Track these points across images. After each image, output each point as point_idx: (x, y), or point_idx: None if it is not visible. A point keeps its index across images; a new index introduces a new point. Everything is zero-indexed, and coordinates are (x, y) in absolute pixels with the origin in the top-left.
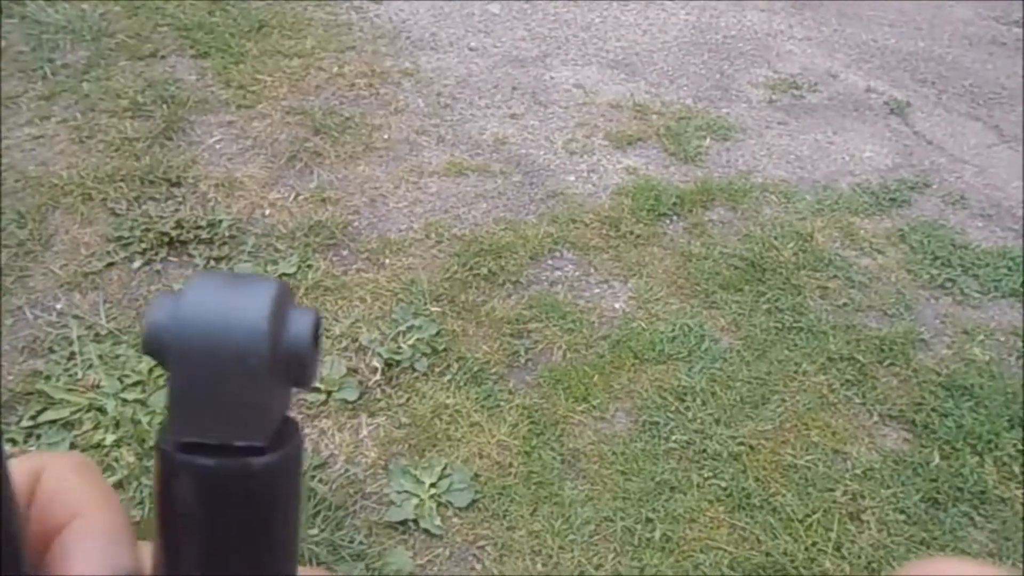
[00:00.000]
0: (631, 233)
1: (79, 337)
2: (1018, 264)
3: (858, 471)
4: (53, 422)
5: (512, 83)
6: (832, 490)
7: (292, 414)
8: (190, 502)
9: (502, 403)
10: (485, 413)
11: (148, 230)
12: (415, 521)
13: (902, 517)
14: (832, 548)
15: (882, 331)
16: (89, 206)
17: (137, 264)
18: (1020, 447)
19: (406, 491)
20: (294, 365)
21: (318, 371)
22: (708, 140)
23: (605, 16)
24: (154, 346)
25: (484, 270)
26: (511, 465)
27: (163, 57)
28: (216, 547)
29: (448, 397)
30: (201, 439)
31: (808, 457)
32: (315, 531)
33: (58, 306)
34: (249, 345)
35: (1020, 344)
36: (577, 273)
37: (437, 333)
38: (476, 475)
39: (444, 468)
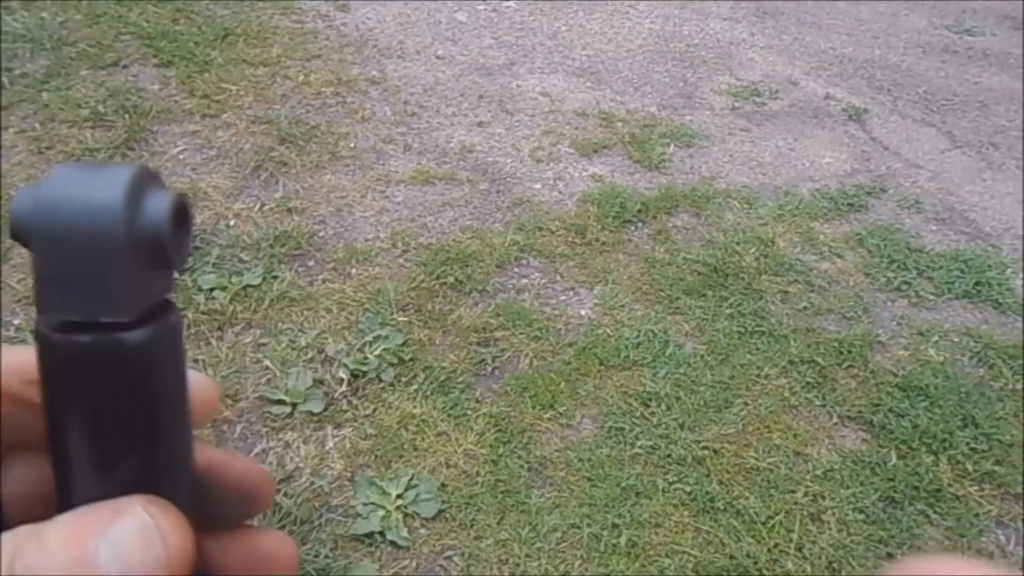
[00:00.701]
0: (597, 240)
1: None
2: (970, 266)
3: (818, 472)
4: None
5: (479, 91)
6: (793, 491)
7: (171, 297)
8: (69, 385)
9: (469, 412)
10: (452, 422)
11: None
12: (381, 533)
13: (861, 516)
14: (794, 549)
15: (841, 334)
16: None
17: None
18: (973, 446)
19: (372, 503)
20: (153, 246)
21: (186, 253)
22: (672, 147)
23: (571, 25)
24: (19, 232)
25: (451, 279)
26: (478, 474)
27: (125, 66)
28: (102, 437)
29: (415, 407)
30: (67, 316)
31: (770, 459)
32: None
33: (16, 321)
34: (104, 226)
35: (973, 344)
36: (543, 281)
37: (404, 343)
38: (443, 485)
39: (411, 479)
